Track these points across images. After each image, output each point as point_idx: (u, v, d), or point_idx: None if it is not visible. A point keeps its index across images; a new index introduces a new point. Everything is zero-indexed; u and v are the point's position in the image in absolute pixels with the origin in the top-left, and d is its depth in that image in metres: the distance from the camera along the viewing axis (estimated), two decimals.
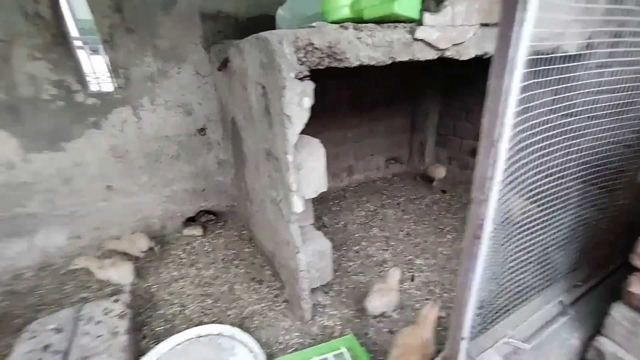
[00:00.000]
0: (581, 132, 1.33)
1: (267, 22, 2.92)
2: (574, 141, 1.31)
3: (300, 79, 1.40)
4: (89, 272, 2.48)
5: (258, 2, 2.98)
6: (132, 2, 2.56)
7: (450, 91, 3.82)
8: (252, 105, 1.94)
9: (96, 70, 5.04)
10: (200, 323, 2.09)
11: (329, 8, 1.67)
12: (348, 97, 3.58)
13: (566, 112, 1.26)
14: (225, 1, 2.86)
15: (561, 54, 1.28)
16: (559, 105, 1.19)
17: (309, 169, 1.65)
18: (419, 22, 1.61)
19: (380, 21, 1.59)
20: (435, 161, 4.14)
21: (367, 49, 1.50)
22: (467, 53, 1.78)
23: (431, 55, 1.70)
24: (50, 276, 2.70)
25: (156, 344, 1.92)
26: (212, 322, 2.08)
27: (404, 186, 3.94)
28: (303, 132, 1.54)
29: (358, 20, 1.61)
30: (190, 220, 3.22)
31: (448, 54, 1.73)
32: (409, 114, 4.14)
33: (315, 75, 1.47)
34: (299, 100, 1.43)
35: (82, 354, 1.76)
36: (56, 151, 2.64)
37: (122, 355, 1.77)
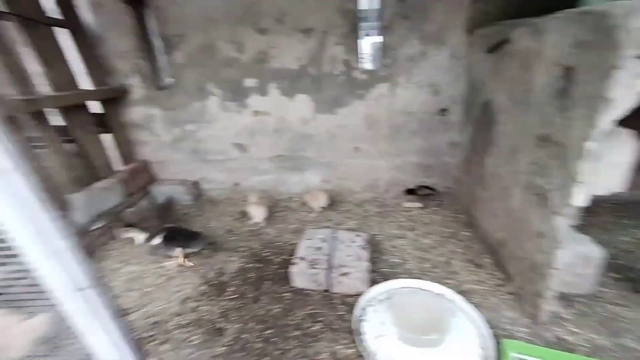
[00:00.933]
0: None
1: (540, 3, 2.64)
2: None
3: None
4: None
5: None
6: None
7: None
8: (533, 88, 1.88)
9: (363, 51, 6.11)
10: (420, 279, 2.36)
11: None
12: None
13: None
14: None
15: None
16: None
17: (608, 163, 1.48)
18: None
19: None
20: None
21: None
22: None
23: None
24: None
25: (383, 280, 2.34)
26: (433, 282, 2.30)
27: None
28: None
29: None
30: (409, 192, 3.55)
31: None
32: None
33: None
34: (630, 83, 1.28)
35: (339, 262, 2.41)
36: (331, 114, 3.50)
37: (365, 275, 2.29)
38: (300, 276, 2.37)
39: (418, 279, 2.36)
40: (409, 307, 1.95)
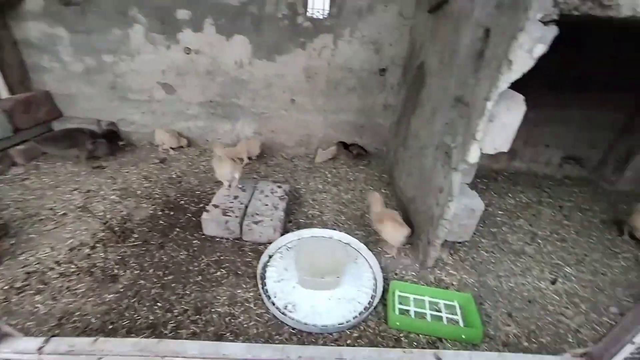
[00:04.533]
0: None
1: None
2: None
3: (545, 22, 1.28)
4: None
5: None
6: None
7: None
8: (458, 50, 1.91)
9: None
10: (334, 230, 2.44)
11: None
12: (548, 68, 2.99)
13: None
14: None
15: None
16: None
17: (500, 124, 1.58)
18: None
19: None
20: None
21: None
22: None
23: None
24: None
25: (298, 230, 2.38)
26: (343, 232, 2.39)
27: (576, 192, 3.28)
28: None
29: None
30: (343, 146, 3.53)
31: None
32: (630, 108, 3.22)
33: None
34: (530, 47, 1.33)
35: (254, 211, 2.37)
36: (270, 61, 3.28)
37: (278, 223, 2.28)
38: (211, 224, 2.28)
39: (331, 229, 2.44)
40: (314, 254, 1.99)
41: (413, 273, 2.10)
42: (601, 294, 2.04)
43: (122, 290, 1.86)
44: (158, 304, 1.80)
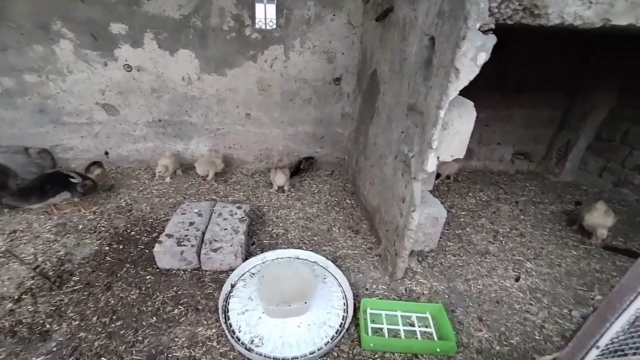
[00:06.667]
0: None
1: None
2: None
3: (484, 31, 1.30)
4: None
5: None
6: None
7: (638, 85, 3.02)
8: (407, 58, 1.91)
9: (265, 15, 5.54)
10: (300, 248, 2.33)
11: None
12: (490, 72, 3.18)
13: None
14: None
15: None
16: None
17: (454, 131, 1.58)
18: None
19: None
20: (579, 168, 3.47)
21: (577, 4, 1.28)
22: None
23: None
24: (193, 176, 3.34)
25: (262, 252, 2.25)
26: (309, 251, 2.29)
27: (528, 186, 3.47)
28: None
29: None
30: (294, 173, 3.36)
31: None
32: (563, 105, 3.50)
33: None
34: (474, 54, 1.34)
35: (213, 237, 2.19)
36: (220, 75, 3.12)
37: (239, 249, 2.13)
38: (165, 256, 2.07)
39: (298, 248, 2.34)
40: (278, 280, 1.86)
41: (384, 286, 2.04)
42: (559, 285, 2.12)
43: (55, 349, 1.60)
44: (102, 358, 1.57)
